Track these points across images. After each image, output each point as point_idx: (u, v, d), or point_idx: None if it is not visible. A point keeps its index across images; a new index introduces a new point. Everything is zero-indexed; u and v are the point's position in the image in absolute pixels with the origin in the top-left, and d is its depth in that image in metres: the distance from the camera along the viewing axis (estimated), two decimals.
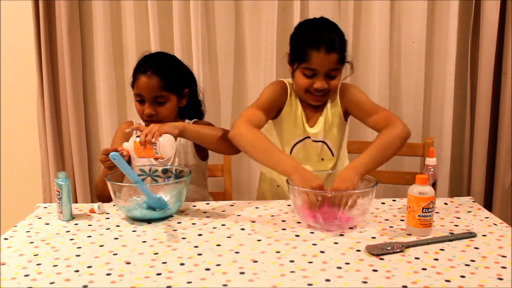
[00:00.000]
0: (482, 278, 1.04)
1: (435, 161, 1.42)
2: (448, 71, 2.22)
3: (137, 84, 1.62)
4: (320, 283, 1.03)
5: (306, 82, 1.57)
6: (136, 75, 1.63)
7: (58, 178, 1.42)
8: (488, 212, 1.46)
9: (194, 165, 1.71)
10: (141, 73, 1.61)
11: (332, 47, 1.51)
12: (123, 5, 2.26)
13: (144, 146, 1.39)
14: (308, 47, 1.52)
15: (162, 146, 1.39)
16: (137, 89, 1.62)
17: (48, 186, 2.35)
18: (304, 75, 1.56)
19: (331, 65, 1.53)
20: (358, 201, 1.30)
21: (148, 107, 1.61)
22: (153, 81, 1.59)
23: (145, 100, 1.61)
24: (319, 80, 1.55)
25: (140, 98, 1.63)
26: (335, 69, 1.55)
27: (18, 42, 2.34)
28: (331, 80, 1.56)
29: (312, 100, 1.62)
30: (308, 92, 1.59)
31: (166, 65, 1.64)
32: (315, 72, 1.54)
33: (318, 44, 1.51)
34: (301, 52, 1.55)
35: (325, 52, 1.51)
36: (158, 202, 1.41)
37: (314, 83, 1.56)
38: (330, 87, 1.57)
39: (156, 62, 1.64)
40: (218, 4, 2.23)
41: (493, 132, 2.24)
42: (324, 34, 1.53)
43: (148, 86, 1.59)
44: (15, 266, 1.12)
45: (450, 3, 2.17)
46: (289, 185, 1.34)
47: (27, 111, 2.38)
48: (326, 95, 1.61)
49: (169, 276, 1.06)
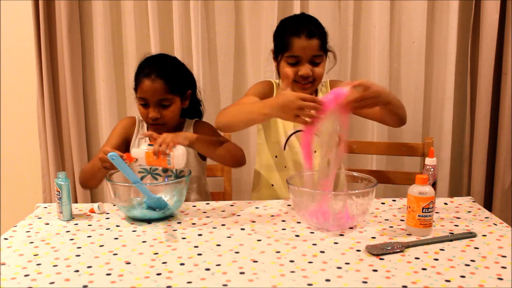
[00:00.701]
0: (482, 278, 1.04)
1: (435, 161, 1.42)
2: (448, 71, 2.22)
3: (140, 87, 1.60)
4: (320, 283, 1.03)
5: (291, 70, 1.60)
6: (139, 78, 1.61)
7: (58, 178, 1.42)
8: (488, 212, 1.46)
9: (195, 165, 1.71)
10: (145, 76, 1.58)
11: (312, 33, 1.58)
12: (123, 5, 2.25)
13: (157, 156, 1.38)
14: (290, 35, 1.59)
15: (176, 158, 1.38)
16: (140, 93, 1.60)
17: (48, 186, 2.35)
18: (288, 64, 1.61)
19: (313, 51, 1.58)
20: (358, 201, 1.30)
21: (152, 111, 1.59)
22: (157, 84, 1.57)
23: (149, 104, 1.60)
24: (303, 67, 1.59)
25: (144, 102, 1.61)
26: (318, 56, 1.60)
27: (18, 42, 2.34)
28: (315, 67, 1.61)
29: (299, 89, 1.63)
30: (294, 82, 1.62)
31: (169, 68, 1.63)
32: (298, 59, 1.59)
33: (299, 31, 1.58)
34: (284, 42, 1.60)
35: (306, 37, 1.57)
36: (157, 202, 1.41)
37: (299, 70, 1.59)
38: (315, 75, 1.61)
39: (159, 64, 1.62)
40: (218, 4, 2.23)
41: (493, 132, 2.24)
42: (304, 22, 1.62)
43: (153, 90, 1.57)
44: (15, 266, 1.12)
45: (450, 3, 2.17)
46: (289, 185, 1.34)
47: (27, 111, 2.38)
48: (313, 84, 1.63)
49: (169, 276, 1.06)
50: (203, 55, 2.24)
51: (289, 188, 1.35)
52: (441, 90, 2.26)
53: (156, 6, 2.19)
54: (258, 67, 2.25)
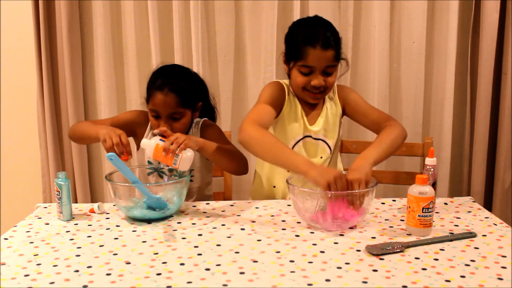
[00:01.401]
0: (482, 278, 1.04)
1: (435, 161, 1.42)
2: (448, 71, 2.22)
3: (153, 100, 1.58)
4: (320, 283, 1.03)
5: (303, 80, 1.58)
6: (151, 91, 1.59)
7: (58, 178, 1.42)
8: (488, 212, 1.46)
9: (200, 166, 1.71)
10: (157, 89, 1.57)
11: (328, 43, 1.53)
12: (123, 5, 2.26)
13: (166, 153, 1.38)
14: (304, 45, 1.54)
15: (183, 160, 1.39)
16: (153, 105, 1.59)
17: (48, 186, 2.35)
18: (301, 73, 1.57)
19: (327, 62, 1.55)
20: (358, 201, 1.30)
21: (164, 124, 1.58)
22: (169, 98, 1.56)
23: (160, 116, 1.59)
24: (316, 78, 1.56)
25: (155, 114, 1.59)
26: (331, 66, 1.56)
27: (18, 42, 2.34)
28: (327, 77, 1.58)
29: (310, 98, 1.63)
30: (305, 90, 1.60)
31: (183, 82, 1.61)
32: (312, 70, 1.55)
33: (314, 42, 1.52)
34: (297, 50, 1.55)
35: (322, 49, 1.52)
36: (157, 202, 1.41)
37: (311, 80, 1.57)
38: (327, 84, 1.58)
39: (172, 78, 1.61)
40: (218, 4, 2.23)
41: (493, 132, 2.24)
42: (320, 31, 1.55)
43: (165, 104, 1.56)
44: (15, 266, 1.12)
45: (450, 3, 2.17)
46: (289, 185, 1.34)
47: (27, 111, 2.38)
48: (324, 92, 1.62)
49: (169, 276, 1.06)
50: (203, 55, 2.24)
51: (289, 188, 1.35)
52: (441, 90, 2.26)
53: (156, 6, 2.19)
54: (258, 67, 2.25)
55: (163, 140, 1.41)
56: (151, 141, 1.43)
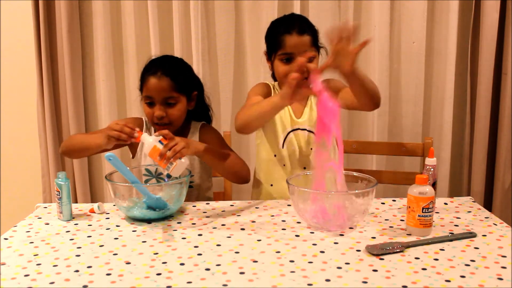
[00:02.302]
0: (482, 278, 1.04)
1: (435, 161, 1.42)
2: (448, 71, 2.22)
3: (146, 86, 1.59)
4: (320, 283, 1.03)
5: (285, 68, 1.62)
6: (145, 77, 1.61)
7: (58, 178, 1.42)
8: (488, 212, 1.46)
9: (200, 171, 1.71)
10: (151, 74, 1.58)
11: (303, 29, 1.61)
12: (123, 5, 2.26)
13: (162, 158, 1.37)
14: (282, 34, 1.61)
15: (176, 168, 1.38)
16: (146, 91, 1.59)
17: (48, 186, 2.35)
18: (282, 62, 1.63)
19: (305, 47, 1.60)
20: (358, 201, 1.30)
21: (158, 109, 1.58)
22: (163, 82, 1.57)
23: (155, 102, 1.59)
24: None
25: (150, 101, 1.60)
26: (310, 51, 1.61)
27: (18, 42, 2.34)
28: (309, 64, 1.57)
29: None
30: None
31: (175, 67, 1.63)
32: (292, 56, 1.61)
33: (290, 29, 1.60)
34: (276, 41, 1.63)
35: (298, 34, 1.60)
36: (157, 202, 1.41)
37: (293, 66, 1.56)
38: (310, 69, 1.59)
39: (165, 63, 1.63)
40: (218, 4, 2.23)
41: (493, 132, 2.24)
42: (295, 20, 1.65)
43: (159, 87, 1.57)
44: (15, 266, 1.12)
45: (450, 3, 2.17)
46: (289, 185, 1.34)
47: (27, 111, 2.38)
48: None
49: (169, 276, 1.06)
50: (203, 55, 2.24)
51: (289, 188, 1.35)
52: (441, 90, 2.26)
53: (156, 6, 2.19)
54: (258, 67, 2.25)
55: (161, 143, 1.39)
56: (150, 139, 1.41)
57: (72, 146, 1.62)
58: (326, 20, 2.21)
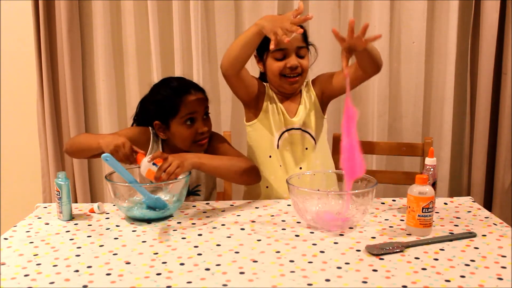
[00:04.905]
0: (482, 278, 1.04)
1: (435, 161, 1.42)
2: (448, 71, 2.22)
3: (186, 105, 1.56)
4: (320, 283, 1.03)
5: (279, 65, 1.62)
6: (177, 99, 1.56)
7: (58, 178, 1.42)
8: (488, 212, 1.46)
9: (206, 181, 1.72)
10: (185, 94, 1.57)
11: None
12: (123, 5, 2.26)
13: (157, 181, 1.36)
14: None
15: (173, 187, 1.40)
16: (188, 109, 1.56)
17: (48, 186, 2.35)
18: (275, 59, 1.63)
19: (298, 42, 1.60)
20: (358, 201, 1.30)
21: (203, 124, 1.59)
22: (200, 95, 1.59)
23: (196, 119, 1.58)
24: (290, 59, 1.61)
25: (192, 118, 1.57)
26: (302, 47, 1.62)
27: (18, 42, 2.34)
28: (301, 60, 1.63)
29: (288, 84, 1.65)
30: (283, 77, 1.63)
31: (192, 82, 1.65)
32: (285, 53, 1.61)
33: None
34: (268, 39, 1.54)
35: None
36: (156, 202, 1.41)
37: (287, 63, 1.61)
38: (303, 66, 1.63)
39: (186, 81, 1.64)
40: (218, 4, 2.23)
41: (493, 132, 2.24)
42: None
43: (200, 102, 1.58)
44: (15, 266, 1.12)
45: (450, 3, 2.17)
46: (289, 185, 1.34)
47: (27, 111, 2.38)
48: (301, 76, 1.65)
49: (169, 276, 1.06)
50: (203, 55, 2.24)
51: (289, 188, 1.35)
52: (441, 90, 2.26)
53: (156, 6, 2.19)
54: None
55: (155, 164, 1.37)
56: (145, 161, 1.39)
57: (75, 145, 1.61)
58: (326, 20, 2.21)
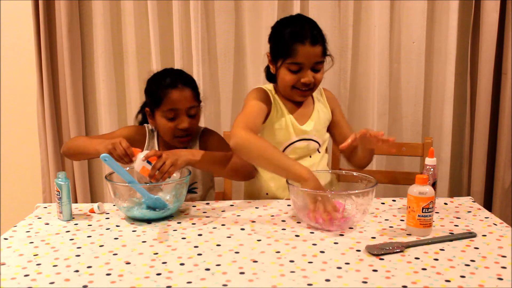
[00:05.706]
0: (482, 278, 1.04)
1: (435, 161, 1.42)
2: (448, 71, 2.22)
3: (168, 99, 1.56)
4: (320, 283, 1.03)
5: (292, 78, 1.57)
6: (162, 91, 1.56)
7: (58, 178, 1.42)
8: (488, 212, 1.46)
9: (202, 178, 1.71)
10: (170, 87, 1.56)
11: (316, 39, 1.53)
12: (123, 5, 2.26)
13: (151, 179, 1.37)
14: (293, 42, 1.53)
15: (165, 187, 1.40)
16: (169, 104, 1.56)
17: (48, 186, 2.35)
18: (289, 71, 1.57)
19: (316, 58, 1.55)
20: (358, 201, 1.30)
21: (183, 121, 1.57)
22: (186, 92, 1.57)
23: (178, 115, 1.57)
24: (306, 75, 1.56)
25: (173, 114, 1.57)
26: (319, 62, 1.57)
27: (18, 42, 2.34)
28: (316, 74, 1.58)
29: (298, 96, 1.62)
30: (294, 88, 1.60)
31: (188, 77, 1.63)
32: (301, 66, 1.55)
33: (303, 38, 1.52)
34: (286, 48, 1.54)
35: (310, 45, 1.52)
36: (156, 202, 1.41)
37: (301, 78, 1.56)
38: (316, 81, 1.59)
39: (178, 75, 1.62)
40: (218, 4, 2.23)
41: (493, 132, 2.24)
42: (307, 28, 1.55)
43: (183, 98, 1.56)
44: (15, 266, 1.12)
45: (450, 3, 2.17)
46: (289, 185, 1.34)
47: (27, 111, 2.38)
48: (312, 89, 1.62)
49: (169, 276, 1.06)
50: (203, 55, 2.24)
51: (289, 188, 1.35)
52: (441, 90, 2.26)
53: (156, 6, 2.19)
54: (258, 67, 2.25)
55: (149, 162, 1.38)
56: (140, 157, 1.40)
57: (72, 148, 1.62)
58: (326, 20, 2.21)
